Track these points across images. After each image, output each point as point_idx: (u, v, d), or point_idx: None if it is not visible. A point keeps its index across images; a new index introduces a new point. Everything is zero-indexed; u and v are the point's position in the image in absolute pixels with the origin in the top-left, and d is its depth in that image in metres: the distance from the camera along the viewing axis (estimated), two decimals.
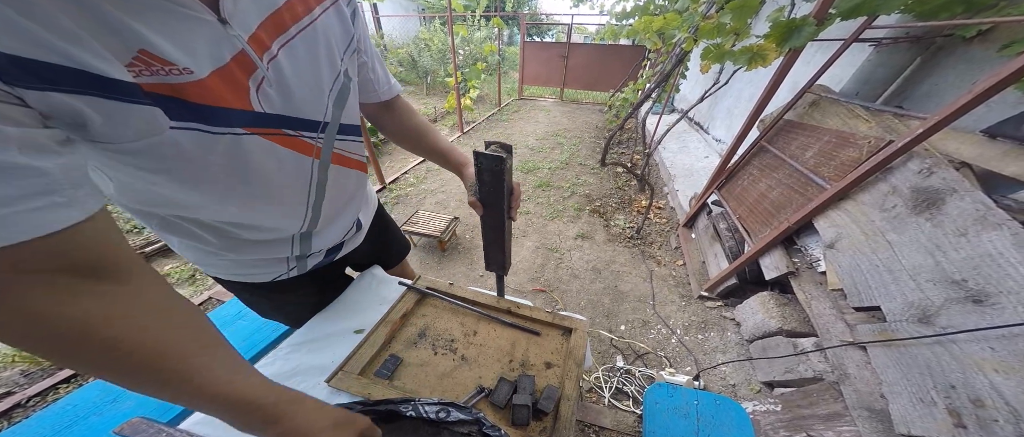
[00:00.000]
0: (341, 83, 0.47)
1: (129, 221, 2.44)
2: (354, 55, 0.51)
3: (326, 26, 0.43)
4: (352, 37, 0.49)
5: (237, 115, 0.35)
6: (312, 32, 0.41)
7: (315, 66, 0.42)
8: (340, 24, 0.46)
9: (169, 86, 0.29)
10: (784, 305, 1.45)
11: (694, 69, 4.13)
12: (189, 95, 0.31)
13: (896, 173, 1.15)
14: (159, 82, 0.29)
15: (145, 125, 0.29)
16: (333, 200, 0.57)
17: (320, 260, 0.67)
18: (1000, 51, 1.24)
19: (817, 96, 1.69)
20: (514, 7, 13.39)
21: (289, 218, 0.53)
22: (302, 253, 0.61)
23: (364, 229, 0.75)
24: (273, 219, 0.51)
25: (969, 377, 0.81)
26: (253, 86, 0.35)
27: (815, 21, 1.24)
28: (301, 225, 0.55)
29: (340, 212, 0.63)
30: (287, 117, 0.40)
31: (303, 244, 0.60)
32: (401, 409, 0.50)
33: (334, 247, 0.68)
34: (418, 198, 3.03)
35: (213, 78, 0.32)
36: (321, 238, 0.62)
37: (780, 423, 1.18)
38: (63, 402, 0.98)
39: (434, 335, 0.70)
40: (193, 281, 1.98)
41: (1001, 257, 0.85)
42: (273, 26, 0.36)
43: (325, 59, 0.44)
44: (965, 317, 0.86)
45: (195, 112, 0.31)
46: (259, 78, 0.36)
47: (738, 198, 1.89)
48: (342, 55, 0.47)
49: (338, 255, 0.71)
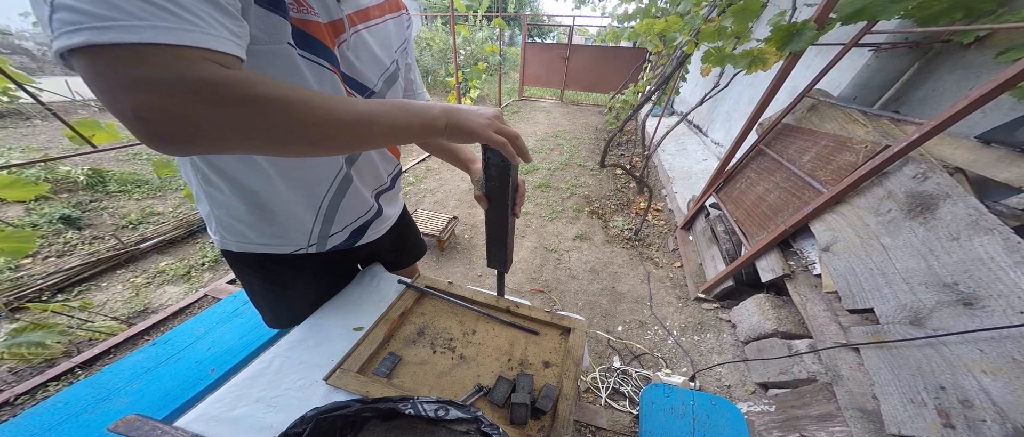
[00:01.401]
0: (392, 70, 0.62)
1: (126, 217, 2.43)
2: (404, 53, 0.67)
3: (389, 28, 0.60)
4: (404, 40, 0.66)
5: (328, 53, 0.48)
6: (382, 28, 0.58)
7: (376, 51, 0.57)
8: (397, 29, 0.63)
9: (302, 21, 0.44)
10: (779, 307, 1.47)
11: (694, 72, 4.16)
12: (310, 29, 0.45)
13: (891, 178, 1.17)
14: (299, 17, 0.43)
15: (276, 31, 0.41)
16: (363, 165, 0.66)
17: (342, 240, 0.69)
18: (997, 58, 1.26)
19: (816, 100, 1.71)
20: (516, 8, 13.39)
21: (327, 166, 0.60)
22: (325, 230, 0.65)
23: (386, 220, 0.78)
24: (314, 163, 0.58)
25: (958, 378, 0.83)
26: (338, 43, 0.50)
27: (816, 25, 1.25)
28: (335, 175, 0.61)
29: (366, 181, 0.68)
30: (349, 76, 0.54)
31: (326, 218, 0.64)
32: (400, 407, 0.50)
33: (358, 229, 0.71)
34: (417, 197, 3.02)
35: (325, 25, 0.47)
36: (345, 211, 0.66)
37: (774, 423, 1.19)
38: (54, 399, 0.97)
39: (433, 333, 0.70)
40: (188, 278, 1.97)
41: (992, 261, 0.86)
42: (360, 16, 0.53)
43: (384, 48, 0.59)
44: (956, 320, 0.88)
45: (306, 41, 0.45)
46: (341, 40, 0.50)
47: (736, 201, 1.90)
48: (396, 49, 0.63)
49: (360, 240, 0.74)
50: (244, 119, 0.31)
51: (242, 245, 0.62)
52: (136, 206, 2.58)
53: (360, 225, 0.71)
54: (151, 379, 1.03)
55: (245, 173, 0.53)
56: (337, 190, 0.62)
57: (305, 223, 0.62)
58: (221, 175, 0.53)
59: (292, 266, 0.67)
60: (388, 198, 0.77)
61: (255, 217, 0.58)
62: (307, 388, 0.60)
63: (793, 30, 1.29)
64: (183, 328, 1.20)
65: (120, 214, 2.46)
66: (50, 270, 1.85)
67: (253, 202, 0.56)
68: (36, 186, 1.20)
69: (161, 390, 0.99)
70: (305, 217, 0.62)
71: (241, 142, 0.32)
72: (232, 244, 0.61)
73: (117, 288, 1.89)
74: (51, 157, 1.43)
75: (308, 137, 0.34)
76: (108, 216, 2.44)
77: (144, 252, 2.11)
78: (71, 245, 2.14)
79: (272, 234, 0.61)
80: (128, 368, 1.06)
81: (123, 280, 1.94)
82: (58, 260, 2.00)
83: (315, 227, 0.64)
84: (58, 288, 1.82)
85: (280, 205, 0.58)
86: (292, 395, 0.59)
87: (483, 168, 0.56)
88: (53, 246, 2.10)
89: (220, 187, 0.54)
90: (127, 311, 1.75)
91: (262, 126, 0.32)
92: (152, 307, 1.79)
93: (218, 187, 0.54)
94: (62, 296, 1.80)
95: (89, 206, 2.50)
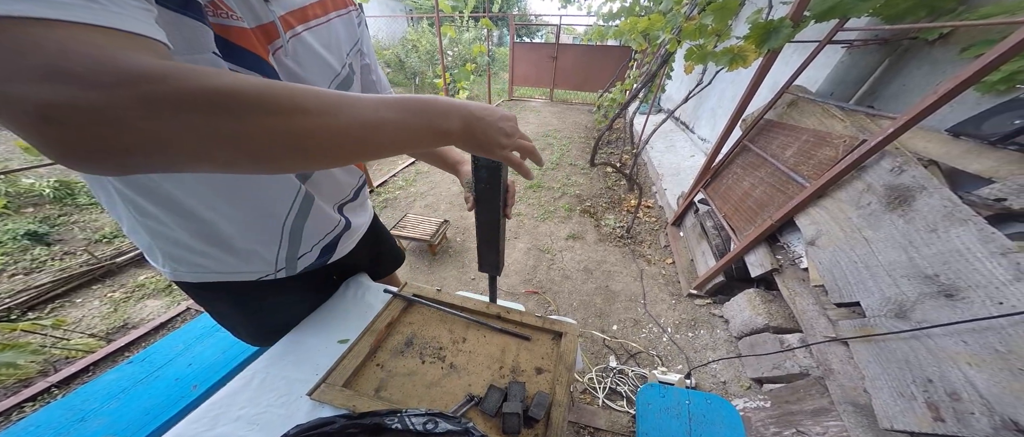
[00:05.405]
0: (344, 75, 0.54)
1: (100, 231, 2.33)
2: (358, 55, 0.59)
3: (335, 27, 0.52)
4: (357, 40, 0.58)
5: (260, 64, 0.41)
6: (326, 28, 0.50)
7: (322, 55, 0.50)
8: (346, 28, 0.55)
9: (222, 26, 0.37)
10: (770, 302, 1.49)
11: (679, 70, 4.22)
12: (232, 36, 0.38)
13: (870, 171, 1.20)
14: (217, 23, 0.36)
15: (196, 39, 0.34)
16: (321, 180, 0.60)
17: (312, 261, 0.65)
18: (961, 54, 1.31)
19: (795, 96, 1.75)
20: (502, 8, 13.40)
21: (282, 185, 0.53)
22: (292, 253, 0.60)
23: (355, 232, 0.74)
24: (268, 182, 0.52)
25: (945, 370, 0.84)
26: (272, 51, 0.43)
27: (791, 23, 1.28)
28: (294, 195, 0.55)
29: (327, 197, 0.63)
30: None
31: (292, 240, 0.58)
32: (387, 422, 0.48)
33: (327, 246, 0.66)
34: (407, 201, 2.99)
35: (253, 31, 0.40)
36: (310, 231, 0.60)
37: (770, 419, 1.20)
38: (26, 422, 0.93)
39: (421, 343, 0.68)
40: (169, 291, 1.90)
41: (968, 252, 0.89)
42: (296, 17, 0.46)
43: (333, 51, 0.52)
44: (938, 311, 0.90)
45: (232, 51, 0.38)
46: (276, 46, 0.43)
47: (723, 196, 1.93)
48: (347, 52, 0.55)
49: (331, 257, 0.70)
50: (211, 123, 0.22)
51: (199, 275, 0.55)
52: (109, 219, 2.48)
53: (329, 242, 0.66)
54: (129, 398, 0.99)
55: (189, 201, 0.45)
56: (299, 211, 0.56)
57: (269, 249, 0.56)
58: (159, 204, 0.44)
59: (261, 290, 0.61)
60: (353, 208, 0.71)
61: (209, 247, 0.51)
62: (290, 404, 0.57)
63: (770, 28, 1.32)
64: (162, 344, 1.15)
65: (93, 228, 2.36)
66: (18, 288, 1.76)
67: (204, 232, 0.49)
68: None
69: (140, 409, 0.95)
70: (268, 243, 0.56)
71: (201, 155, 0.23)
72: (187, 276, 0.54)
73: (94, 304, 1.81)
74: (10, 169, 1.35)
75: (297, 146, 0.26)
76: (79, 230, 2.34)
77: (121, 266, 2.02)
78: (40, 262, 2.03)
79: (233, 263, 0.55)
80: (104, 387, 1.02)
81: (100, 295, 1.86)
82: (26, 277, 1.90)
83: (281, 252, 0.58)
84: (28, 306, 1.73)
85: (237, 233, 0.51)
86: (274, 412, 0.56)
87: (473, 170, 0.54)
88: (19, 263, 2.00)
89: (159, 218, 0.46)
90: (106, 327, 1.68)
91: (238, 132, 0.23)
92: (132, 322, 1.72)
93: (156, 218, 0.46)
94: (33, 314, 1.72)
95: (58, 220, 2.39)
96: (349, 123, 0.29)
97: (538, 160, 0.49)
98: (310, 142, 0.27)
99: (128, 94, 0.20)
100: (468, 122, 0.38)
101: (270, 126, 0.25)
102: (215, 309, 0.66)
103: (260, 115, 0.24)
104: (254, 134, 0.24)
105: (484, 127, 0.40)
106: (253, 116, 0.24)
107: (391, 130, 0.32)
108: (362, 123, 0.30)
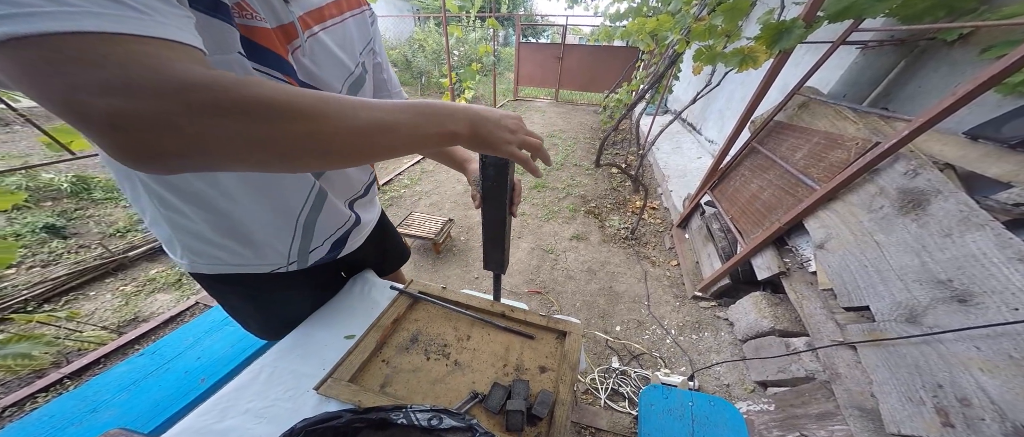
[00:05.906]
0: (357, 74, 0.57)
1: (114, 225, 2.38)
2: (370, 54, 0.62)
3: (349, 27, 0.55)
4: (369, 40, 0.61)
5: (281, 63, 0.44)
6: (341, 28, 0.53)
7: (337, 54, 0.52)
8: (359, 27, 0.58)
9: (247, 27, 0.39)
10: (776, 305, 1.47)
11: (687, 71, 4.17)
12: (256, 36, 0.40)
13: (883, 174, 1.17)
14: (242, 23, 0.38)
15: (224, 40, 0.36)
16: (334, 177, 0.62)
17: (323, 255, 0.67)
18: (981, 54, 1.27)
19: (806, 98, 1.72)
20: (509, 8, 13.40)
21: (299, 181, 0.56)
22: (304, 246, 0.62)
23: (365, 227, 0.75)
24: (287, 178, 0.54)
25: (956, 376, 0.83)
26: (291, 50, 0.45)
27: (804, 23, 1.26)
28: (309, 190, 0.57)
29: (339, 192, 0.65)
30: (308, 86, 0.49)
31: (305, 234, 0.61)
32: (392, 417, 0.48)
33: (338, 241, 0.68)
34: (412, 200, 3.00)
35: (274, 31, 0.42)
36: (323, 225, 0.62)
37: (774, 423, 1.19)
38: (40, 412, 0.95)
39: (426, 340, 0.69)
40: (179, 285, 1.94)
41: (984, 257, 0.86)
42: (313, 17, 0.48)
43: (346, 50, 0.54)
44: (951, 317, 0.88)
45: (255, 51, 0.40)
46: (295, 46, 0.45)
47: (730, 199, 1.91)
48: (360, 51, 0.58)
49: (341, 252, 0.71)
50: (248, 128, 0.25)
51: (215, 267, 0.58)
52: (123, 213, 2.53)
53: (340, 236, 0.68)
54: (139, 390, 1.00)
55: (213, 195, 0.48)
56: (313, 206, 0.59)
57: (283, 242, 0.59)
58: (183, 197, 0.47)
59: (273, 282, 0.64)
60: (363, 205, 0.74)
61: (228, 240, 0.54)
62: (297, 398, 0.58)
63: (782, 28, 1.30)
64: (171, 338, 1.17)
65: (107, 222, 2.42)
66: (35, 280, 1.81)
67: (224, 225, 0.52)
68: (12, 195, 1.18)
69: (150, 401, 0.97)
70: (282, 236, 0.58)
71: (239, 156, 0.26)
72: (204, 268, 0.57)
73: (106, 297, 1.85)
74: (32, 164, 1.40)
75: (321, 148, 0.29)
76: (94, 224, 2.39)
77: (133, 260, 2.06)
78: (57, 254, 2.09)
79: (248, 255, 0.57)
80: (115, 379, 1.04)
81: (112, 289, 1.90)
82: (43, 270, 1.95)
83: (294, 245, 0.60)
84: (44, 298, 1.77)
85: (255, 226, 0.54)
86: (282, 405, 0.57)
87: (480, 168, 0.55)
88: (37, 256, 2.05)
89: (182, 210, 0.49)
90: (117, 320, 1.72)
91: (270, 136, 0.26)
92: (143, 316, 1.75)
93: (180, 210, 0.49)
94: (48, 306, 1.76)
95: (74, 214, 2.45)
96: (367, 126, 0.32)
97: (546, 159, 0.50)
98: (333, 144, 0.30)
99: (182, 102, 0.23)
100: (474, 122, 0.40)
101: (298, 130, 0.28)
102: (228, 302, 0.68)
103: (289, 121, 0.27)
104: (284, 137, 0.27)
105: (489, 126, 0.42)
106: (284, 122, 0.27)
107: (404, 131, 0.35)
108: (378, 126, 0.33)
